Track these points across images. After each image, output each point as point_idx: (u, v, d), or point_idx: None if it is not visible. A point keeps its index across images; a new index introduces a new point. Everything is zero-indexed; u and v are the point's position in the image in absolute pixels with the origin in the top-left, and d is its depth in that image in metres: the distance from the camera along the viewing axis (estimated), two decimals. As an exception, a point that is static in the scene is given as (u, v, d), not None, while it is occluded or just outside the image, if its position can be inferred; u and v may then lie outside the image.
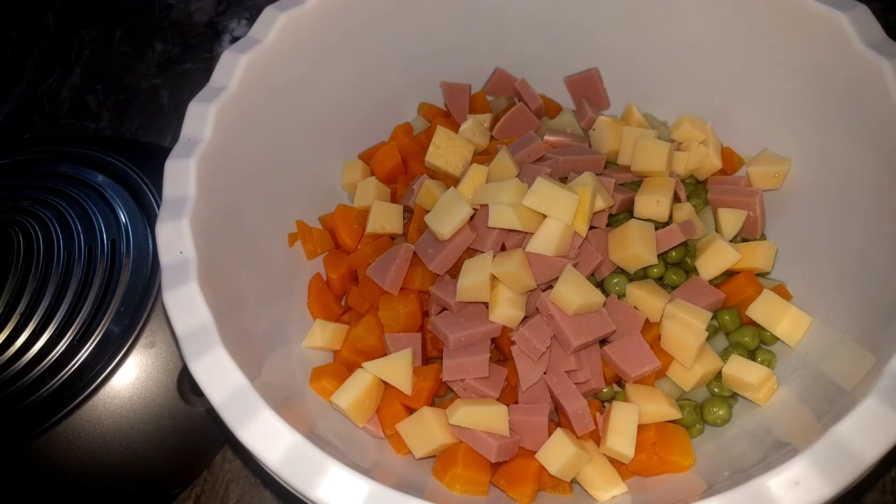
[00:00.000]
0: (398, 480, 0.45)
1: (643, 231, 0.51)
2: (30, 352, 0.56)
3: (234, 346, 0.41)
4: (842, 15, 0.48)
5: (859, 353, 0.43)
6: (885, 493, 0.57)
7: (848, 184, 0.51)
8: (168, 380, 0.57)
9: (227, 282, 0.46)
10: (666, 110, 0.63)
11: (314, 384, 0.51)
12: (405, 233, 0.59)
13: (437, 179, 0.58)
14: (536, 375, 0.48)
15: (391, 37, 0.61)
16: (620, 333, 0.50)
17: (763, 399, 0.48)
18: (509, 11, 0.63)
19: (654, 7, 0.58)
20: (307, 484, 0.36)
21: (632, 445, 0.45)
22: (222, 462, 0.62)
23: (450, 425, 0.48)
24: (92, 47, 0.95)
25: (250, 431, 0.37)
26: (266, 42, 0.52)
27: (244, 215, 0.52)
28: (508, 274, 0.48)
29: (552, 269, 0.49)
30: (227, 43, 0.92)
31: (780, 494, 0.34)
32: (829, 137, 0.52)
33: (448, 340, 0.50)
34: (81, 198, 0.64)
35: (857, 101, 0.48)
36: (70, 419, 0.55)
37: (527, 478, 0.46)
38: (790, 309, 0.51)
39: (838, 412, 0.37)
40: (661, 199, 0.54)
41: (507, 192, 0.50)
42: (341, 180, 0.63)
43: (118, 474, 0.56)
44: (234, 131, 0.50)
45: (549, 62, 0.65)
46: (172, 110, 0.87)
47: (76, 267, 0.59)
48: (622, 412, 0.47)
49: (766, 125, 0.58)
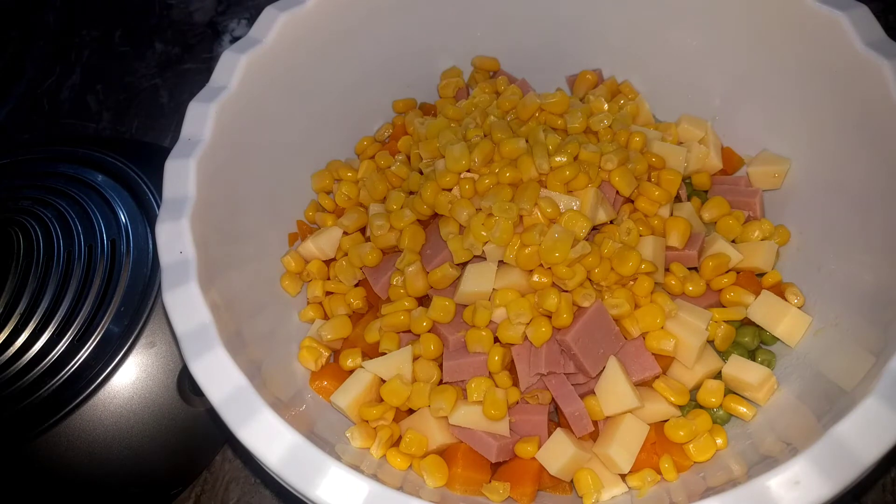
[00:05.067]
0: (398, 480, 0.45)
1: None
2: (30, 352, 0.56)
3: (234, 346, 0.41)
4: (842, 15, 0.48)
5: (859, 353, 0.43)
6: (885, 493, 0.57)
7: (848, 184, 0.50)
8: (168, 380, 0.57)
9: (227, 282, 0.46)
10: (666, 110, 0.63)
11: (314, 384, 0.51)
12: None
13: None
14: (536, 378, 0.48)
15: (391, 37, 0.61)
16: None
17: (763, 399, 0.48)
18: (510, 11, 0.63)
19: (654, 7, 0.58)
20: (307, 484, 0.36)
21: (630, 462, 0.45)
22: (222, 462, 0.62)
23: (450, 425, 0.48)
24: (92, 47, 0.95)
25: (250, 431, 0.37)
26: (266, 42, 0.52)
27: (244, 215, 0.52)
28: (511, 286, 0.48)
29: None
30: (227, 43, 0.92)
31: (780, 494, 0.34)
32: (829, 137, 0.52)
33: (448, 341, 0.50)
34: (81, 198, 0.64)
35: (857, 102, 0.48)
36: (70, 419, 0.55)
37: (527, 478, 0.46)
38: (790, 309, 0.51)
39: (838, 412, 0.37)
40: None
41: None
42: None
43: (118, 474, 0.56)
44: (234, 131, 0.50)
45: (550, 62, 0.65)
46: (172, 110, 0.87)
47: (76, 267, 0.59)
48: (632, 426, 0.46)
49: (766, 125, 0.58)
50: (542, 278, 0.48)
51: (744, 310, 0.52)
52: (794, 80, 0.53)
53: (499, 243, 0.48)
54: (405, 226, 0.54)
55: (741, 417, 0.49)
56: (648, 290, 0.49)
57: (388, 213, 0.55)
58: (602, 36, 0.63)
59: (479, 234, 0.48)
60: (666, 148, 0.56)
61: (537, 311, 0.48)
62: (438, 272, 0.51)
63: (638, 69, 0.63)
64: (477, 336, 0.48)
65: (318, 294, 0.56)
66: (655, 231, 0.53)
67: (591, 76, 0.63)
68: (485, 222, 0.49)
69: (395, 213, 0.54)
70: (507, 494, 0.46)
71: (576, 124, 0.55)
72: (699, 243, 0.54)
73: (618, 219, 0.53)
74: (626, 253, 0.48)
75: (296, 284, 0.56)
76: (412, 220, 0.54)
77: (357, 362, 0.51)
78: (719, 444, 0.47)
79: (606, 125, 0.56)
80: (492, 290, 0.49)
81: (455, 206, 0.51)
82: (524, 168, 0.50)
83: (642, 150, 0.55)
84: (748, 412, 0.48)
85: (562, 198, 0.50)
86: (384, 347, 0.51)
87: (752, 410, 0.48)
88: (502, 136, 0.52)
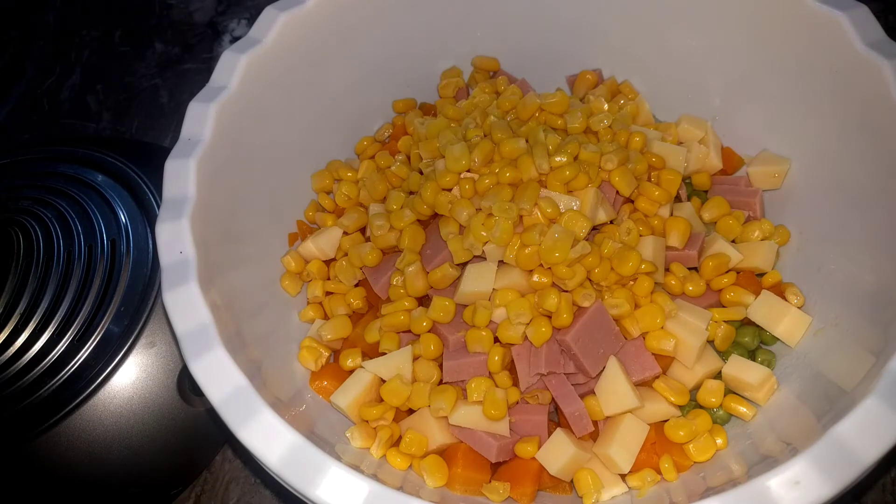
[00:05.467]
0: (398, 480, 0.45)
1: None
2: (30, 352, 0.56)
3: (234, 346, 0.41)
4: (842, 15, 0.48)
5: (859, 353, 0.43)
6: (885, 493, 0.57)
7: (848, 183, 0.50)
8: (168, 380, 0.57)
9: (227, 282, 0.46)
10: (666, 110, 0.63)
11: (314, 384, 0.51)
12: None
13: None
14: (536, 378, 0.48)
15: (391, 37, 0.61)
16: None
17: (763, 399, 0.48)
18: (510, 11, 0.63)
19: (654, 7, 0.58)
20: (307, 484, 0.36)
21: (630, 462, 0.45)
22: (222, 462, 0.62)
23: (450, 425, 0.48)
24: (92, 47, 0.95)
25: (250, 431, 0.37)
26: (266, 42, 0.52)
27: (244, 215, 0.52)
28: (511, 286, 0.48)
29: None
30: (227, 43, 0.92)
31: (780, 494, 0.34)
32: (829, 137, 0.52)
33: (448, 341, 0.50)
34: (81, 198, 0.64)
35: (857, 102, 0.48)
36: (70, 419, 0.55)
37: (527, 478, 0.46)
38: (790, 309, 0.51)
39: (838, 412, 0.37)
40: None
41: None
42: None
43: (118, 474, 0.56)
44: (234, 131, 0.50)
45: (550, 62, 0.65)
46: (172, 110, 0.87)
47: (76, 267, 0.59)
48: (632, 426, 0.46)
49: (766, 125, 0.58)
50: (542, 278, 0.48)
51: (744, 310, 0.52)
52: (794, 80, 0.53)
53: (499, 243, 0.48)
54: (405, 226, 0.54)
55: (741, 417, 0.49)
56: (648, 290, 0.49)
57: (388, 213, 0.55)
58: (602, 36, 0.63)
59: (479, 234, 0.48)
60: (666, 148, 0.56)
61: (537, 311, 0.48)
62: (438, 272, 0.51)
63: (638, 69, 0.63)
64: (477, 336, 0.48)
65: (318, 294, 0.56)
66: (655, 231, 0.53)
67: (591, 76, 0.63)
68: (485, 222, 0.49)
69: (395, 213, 0.54)
70: (507, 494, 0.46)
71: (576, 124, 0.55)
72: (699, 243, 0.54)
73: (618, 219, 0.53)
74: (626, 253, 0.48)
75: (296, 284, 0.56)
76: (412, 220, 0.54)
77: (357, 362, 0.52)
78: (719, 444, 0.47)
79: (606, 125, 0.56)
80: (492, 290, 0.49)
81: (455, 206, 0.51)
82: (524, 168, 0.50)
83: (642, 150, 0.55)
84: (748, 412, 0.48)
85: (562, 198, 0.50)
86: (384, 347, 0.51)
87: (752, 410, 0.48)
88: (502, 136, 0.52)
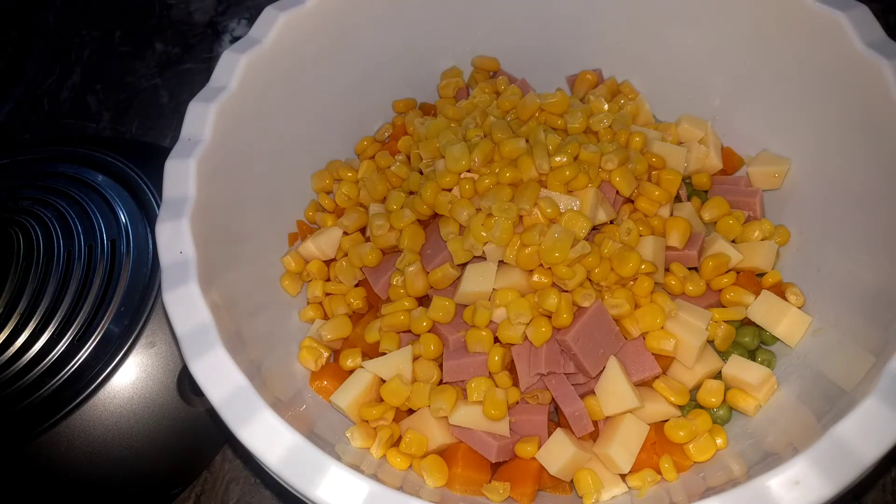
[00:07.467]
0: (398, 480, 0.45)
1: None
2: (30, 352, 0.56)
3: (234, 346, 0.41)
4: (842, 15, 0.48)
5: (859, 353, 0.43)
6: (885, 493, 0.57)
7: (848, 183, 0.51)
8: (168, 380, 0.57)
9: (227, 282, 0.46)
10: (666, 110, 0.63)
11: (314, 384, 0.51)
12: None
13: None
14: (536, 378, 0.48)
15: (391, 37, 0.61)
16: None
17: (763, 399, 0.48)
18: (510, 11, 0.63)
19: (654, 7, 0.58)
20: (307, 484, 0.36)
21: (630, 462, 0.45)
22: (222, 462, 0.62)
23: (450, 425, 0.48)
24: (92, 47, 0.95)
25: (250, 431, 0.37)
26: (266, 42, 0.52)
27: (244, 215, 0.52)
28: (511, 286, 0.48)
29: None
30: (227, 43, 0.92)
31: (780, 494, 0.34)
32: (829, 137, 0.52)
33: (448, 341, 0.50)
34: (81, 198, 0.64)
35: (857, 102, 0.48)
36: (70, 419, 0.55)
37: (527, 478, 0.46)
38: (790, 309, 0.51)
39: (838, 412, 0.37)
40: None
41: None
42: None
43: (118, 474, 0.56)
44: (234, 131, 0.50)
45: (550, 62, 0.65)
46: (172, 110, 0.87)
47: (76, 267, 0.59)
48: (632, 426, 0.46)
49: (766, 125, 0.58)
50: (542, 278, 0.48)
51: (744, 310, 0.52)
52: (794, 80, 0.53)
53: (499, 243, 0.48)
54: (405, 226, 0.54)
55: (745, 412, 0.48)
56: (648, 290, 0.49)
57: (388, 213, 0.55)
58: (602, 36, 0.63)
59: (479, 234, 0.48)
60: (666, 148, 0.56)
61: (537, 311, 0.48)
62: (438, 272, 0.51)
63: (638, 69, 0.63)
64: (477, 336, 0.48)
65: (318, 294, 0.56)
66: (655, 231, 0.53)
67: (591, 76, 0.63)
68: (485, 222, 0.49)
69: (395, 213, 0.54)
70: (507, 494, 0.46)
71: (576, 124, 0.55)
72: (699, 243, 0.54)
73: (618, 219, 0.53)
74: (626, 253, 0.48)
75: (296, 284, 0.56)
76: (412, 220, 0.54)
77: (357, 362, 0.52)
78: (719, 444, 0.47)
79: (606, 125, 0.56)
80: (492, 290, 0.49)
81: (455, 206, 0.51)
82: (524, 168, 0.50)
83: (642, 150, 0.55)
84: (751, 406, 0.48)
85: (562, 198, 0.50)
86: (384, 347, 0.51)
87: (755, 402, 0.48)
88: (502, 136, 0.52)
